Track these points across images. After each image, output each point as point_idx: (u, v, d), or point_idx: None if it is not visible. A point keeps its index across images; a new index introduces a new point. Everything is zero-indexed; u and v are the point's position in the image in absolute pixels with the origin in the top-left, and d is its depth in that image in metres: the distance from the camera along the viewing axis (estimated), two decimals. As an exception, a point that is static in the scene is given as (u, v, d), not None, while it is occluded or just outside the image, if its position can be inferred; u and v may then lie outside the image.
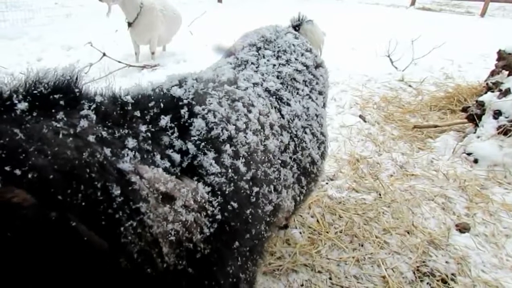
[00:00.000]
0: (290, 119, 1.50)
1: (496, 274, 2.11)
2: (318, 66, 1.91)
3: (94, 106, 0.84)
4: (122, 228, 0.74)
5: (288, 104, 1.53)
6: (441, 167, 3.20)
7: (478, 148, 3.24)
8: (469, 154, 3.29)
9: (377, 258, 2.20)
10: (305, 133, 1.56)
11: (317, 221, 2.49)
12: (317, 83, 1.82)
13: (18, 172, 0.61)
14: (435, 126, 3.90)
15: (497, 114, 3.29)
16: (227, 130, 1.10)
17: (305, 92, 1.69)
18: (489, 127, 3.30)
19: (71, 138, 0.72)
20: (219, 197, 0.99)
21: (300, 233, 2.38)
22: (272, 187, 1.25)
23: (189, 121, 1.03)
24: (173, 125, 0.99)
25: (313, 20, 2.36)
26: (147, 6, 5.74)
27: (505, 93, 3.34)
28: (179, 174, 0.92)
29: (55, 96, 0.78)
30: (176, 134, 0.98)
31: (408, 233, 2.42)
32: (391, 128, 3.99)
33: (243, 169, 1.08)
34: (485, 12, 12.24)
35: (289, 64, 1.71)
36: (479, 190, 2.86)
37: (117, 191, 0.73)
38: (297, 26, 2.26)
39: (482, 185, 2.95)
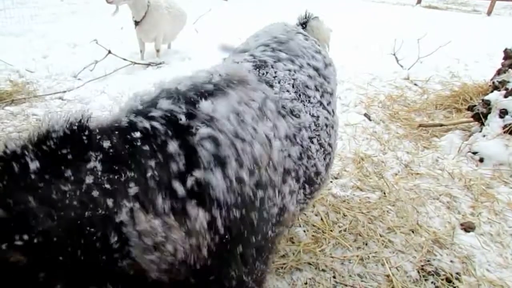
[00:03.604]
0: (297, 131, 1.48)
1: (501, 273, 2.10)
2: (327, 65, 1.90)
3: (101, 156, 0.87)
4: (119, 264, 0.84)
5: (298, 116, 1.52)
6: (446, 166, 3.18)
7: (483, 147, 3.23)
8: (474, 153, 3.27)
9: (381, 257, 2.19)
10: (312, 143, 1.55)
11: (321, 219, 2.49)
12: (328, 83, 1.82)
13: (26, 237, 0.71)
14: (441, 125, 3.88)
15: (503, 113, 3.27)
16: (234, 147, 1.09)
17: (317, 98, 1.68)
18: (495, 126, 3.28)
19: (77, 197, 0.80)
20: (224, 211, 1.01)
21: (304, 231, 2.38)
22: (276, 192, 1.26)
23: (196, 142, 1.02)
24: (180, 152, 0.98)
25: (318, 16, 2.36)
26: (153, 4, 5.76)
27: (511, 92, 3.31)
28: (181, 208, 0.95)
29: (63, 151, 0.84)
30: (183, 162, 0.97)
31: (413, 232, 2.42)
32: (396, 126, 3.98)
33: (247, 178, 1.09)
34: (492, 10, 12.16)
35: (302, 70, 1.70)
36: (485, 189, 2.85)
37: (114, 238, 0.82)
38: (303, 24, 2.25)
39: (488, 184, 2.93)
